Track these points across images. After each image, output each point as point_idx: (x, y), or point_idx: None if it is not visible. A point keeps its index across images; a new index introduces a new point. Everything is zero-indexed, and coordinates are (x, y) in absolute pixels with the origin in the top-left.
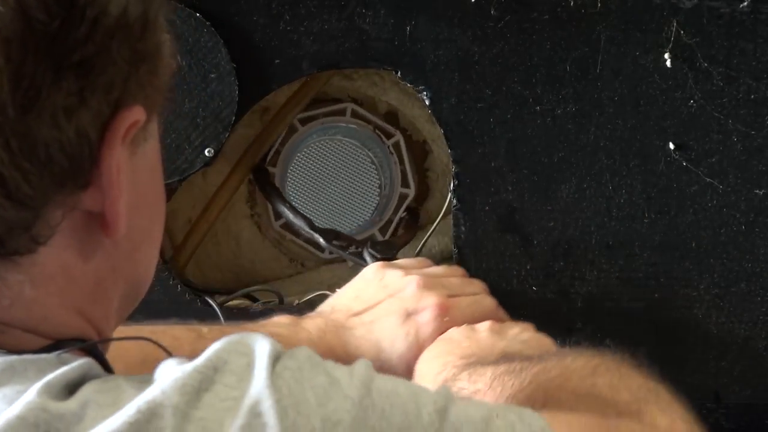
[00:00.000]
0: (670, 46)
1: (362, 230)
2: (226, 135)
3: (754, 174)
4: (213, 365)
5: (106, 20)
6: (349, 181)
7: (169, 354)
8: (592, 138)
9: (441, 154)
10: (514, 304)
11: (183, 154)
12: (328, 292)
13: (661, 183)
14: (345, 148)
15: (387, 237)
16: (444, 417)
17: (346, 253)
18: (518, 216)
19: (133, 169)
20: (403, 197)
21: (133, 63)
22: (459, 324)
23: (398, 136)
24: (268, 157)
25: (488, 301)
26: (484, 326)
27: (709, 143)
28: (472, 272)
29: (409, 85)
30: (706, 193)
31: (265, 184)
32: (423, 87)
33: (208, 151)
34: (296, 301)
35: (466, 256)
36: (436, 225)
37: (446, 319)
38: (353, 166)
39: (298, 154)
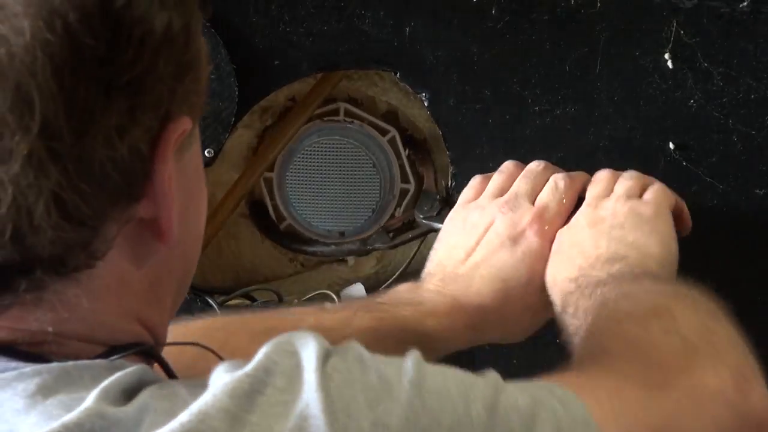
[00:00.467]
0: (670, 46)
1: (363, 230)
2: (226, 135)
3: (754, 174)
4: (264, 367)
5: (152, 39)
6: (348, 181)
7: (220, 357)
8: (592, 138)
9: (440, 154)
10: None
11: None
12: (328, 292)
13: None
14: (344, 148)
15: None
16: (493, 412)
17: (412, 236)
18: None
19: (181, 175)
20: (404, 193)
21: (178, 76)
22: (560, 224)
23: (393, 133)
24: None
25: (578, 178)
26: (582, 222)
27: (709, 143)
28: None
29: (408, 85)
30: (706, 193)
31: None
32: (422, 87)
33: (208, 152)
34: (296, 301)
35: None
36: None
37: (546, 228)
38: (352, 166)
39: (296, 157)
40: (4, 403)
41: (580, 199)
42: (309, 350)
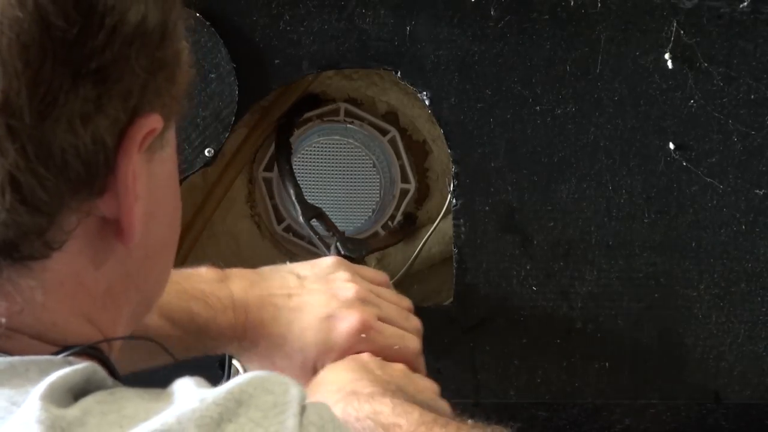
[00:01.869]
0: (670, 46)
1: (364, 229)
2: (226, 135)
3: (754, 174)
4: (236, 398)
5: (124, 28)
6: (348, 181)
7: (174, 357)
8: (592, 138)
9: (441, 154)
10: (514, 304)
11: (183, 154)
12: None
13: (661, 183)
14: (343, 149)
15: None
16: None
17: (315, 236)
18: (518, 216)
19: (150, 177)
20: (404, 193)
21: (151, 71)
22: (374, 349)
23: (394, 133)
24: (265, 161)
25: (413, 343)
26: (397, 367)
27: (709, 143)
28: (472, 272)
29: (409, 85)
30: (706, 193)
31: (281, 139)
32: (423, 87)
33: (208, 151)
34: None
35: (466, 256)
36: (437, 225)
37: (363, 336)
38: (352, 166)
39: (296, 157)
40: None
41: None
42: (291, 394)
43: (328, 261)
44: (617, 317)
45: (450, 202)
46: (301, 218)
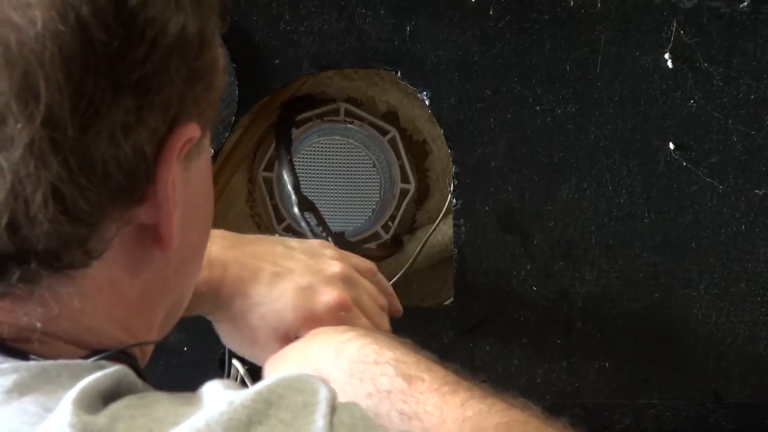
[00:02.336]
0: (670, 46)
1: (363, 229)
2: (226, 135)
3: (754, 174)
4: (265, 399)
5: (164, 40)
6: (348, 181)
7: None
8: (592, 138)
9: (441, 154)
10: (514, 304)
11: None
12: None
13: (661, 183)
14: (343, 149)
15: (389, 234)
16: None
17: (307, 228)
18: (518, 216)
19: (186, 183)
20: (404, 193)
21: (189, 81)
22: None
23: (394, 133)
24: (265, 161)
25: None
26: None
27: (709, 143)
28: (472, 272)
29: (409, 85)
30: (706, 193)
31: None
32: (423, 87)
33: None
34: None
35: (466, 256)
36: (437, 225)
37: (342, 314)
38: (352, 166)
39: (296, 157)
40: None
41: None
42: (321, 394)
43: (317, 241)
44: (617, 317)
45: (450, 202)
46: (295, 208)
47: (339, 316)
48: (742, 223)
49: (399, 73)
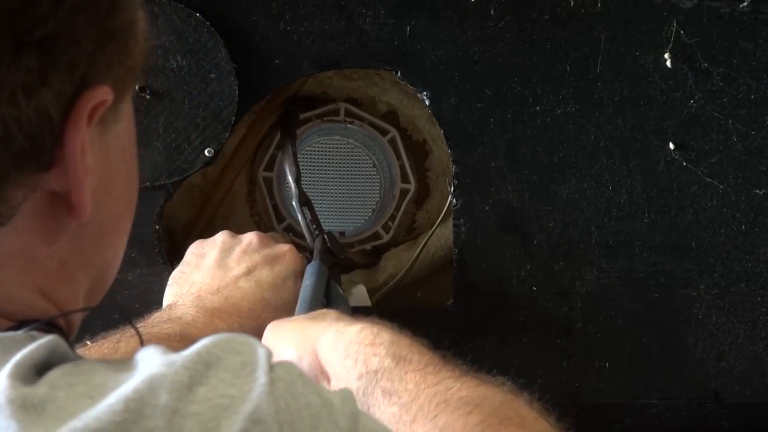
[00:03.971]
0: (670, 46)
1: (363, 229)
2: (226, 135)
3: (754, 174)
4: (204, 360)
5: None
6: (348, 181)
7: (139, 336)
8: (592, 138)
9: (441, 154)
10: (514, 304)
11: (183, 154)
12: None
13: (661, 183)
14: (343, 149)
15: (389, 235)
16: None
17: (304, 222)
18: (518, 216)
19: (103, 151)
20: (404, 193)
21: (99, 42)
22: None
23: (394, 133)
24: (265, 161)
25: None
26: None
27: (709, 143)
28: (472, 272)
29: (409, 85)
30: (706, 193)
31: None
32: (423, 87)
33: (208, 151)
34: None
35: (466, 256)
36: (437, 225)
37: (301, 256)
38: (352, 166)
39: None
40: None
41: None
42: (259, 353)
43: (218, 239)
44: (617, 317)
45: (450, 202)
46: (294, 201)
47: (301, 258)
48: (742, 223)
49: (399, 73)
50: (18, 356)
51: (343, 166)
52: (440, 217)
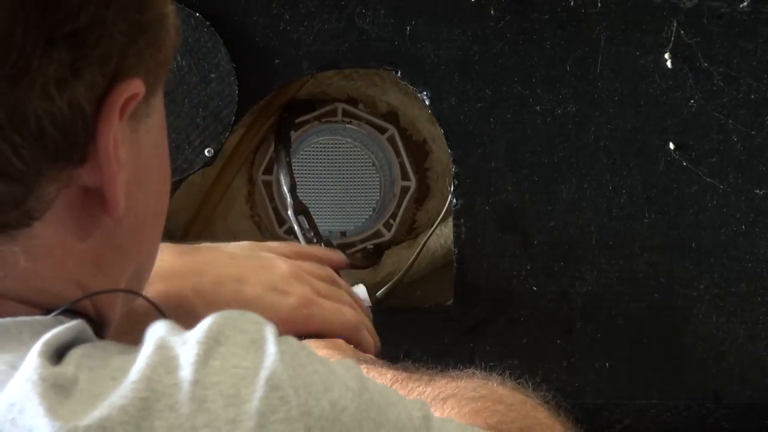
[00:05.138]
0: (670, 46)
1: (364, 229)
2: (226, 135)
3: (754, 174)
4: (214, 337)
5: None
6: (348, 181)
7: (162, 313)
8: (592, 138)
9: (441, 154)
10: (514, 304)
11: (183, 154)
12: None
13: (661, 183)
14: (343, 148)
15: (391, 233)
16: (429, 425)
17: (300, 231)
18: (518, 216)
19: (135, 145)
20: (404, 190)
21: (131, 35)
22: (316, 324)
23: (392, 131)
24: (264, 164)
25: (351, 315)
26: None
27: (709, 143)
28: (472, 272)
29: (409, 85)
30: (706, 193)
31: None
32: (423, 87)
33: (208, 151)
34: None
35: (466, 256)
36: (437, 225)
37: (305, 312)
38: (352, 166)
39: (296, 157)
40: None
41: None
42: (266, 329)
43: (247, 243)
44: (617, 317)
45: (450, 202)
46: (290, 211)
47: (303, 315)
48: (742, 223)
49: (399, 73)
50: (46, 336)
51: (343, 166)
52: (440, 217)
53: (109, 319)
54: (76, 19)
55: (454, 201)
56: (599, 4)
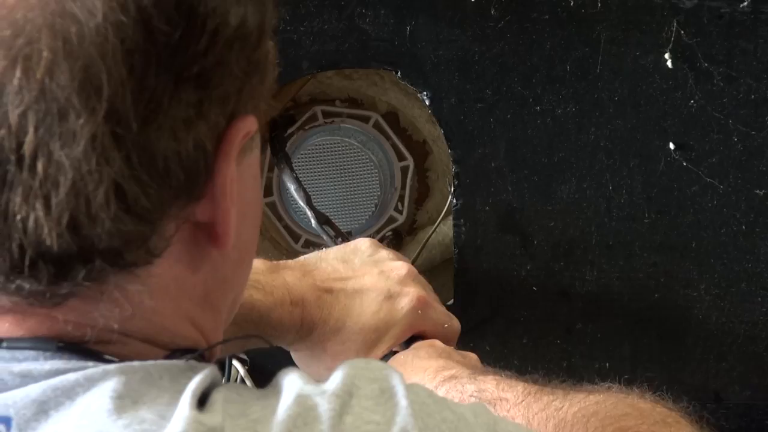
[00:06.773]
0: (670, 46)
1: (364, 229)
2: None
3: (754, 174)
4: (348, 390)
5: (225, 31)
6: (348, 181)
7: (270, 344)
8: (592, 138)
9: (441, 154)
10: (514, 304)
11: None
12: None
13: (661, 183)
14: (343, 149)
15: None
16: None
17: (330, 240)
18: (518, 216)
19: (240, 179)
20: (404, 170)
21: (247, 73)
22: (428, 326)
23: (375, 116)
24: (262, 186)
25: (457, 323)
26: (469, 354)
27: (709, 143)
28: (472, 272)
29: (409, 85)
30: (706, 193)
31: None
32: (423, 87)
33: None
34: None
35: (467, 256)
36: (437, 225)
37: (420, 313)
38: (352, 166)
39: (296, 157)
40: (92, 403)
41: None
42: (395, 379)
43: (365, 243)
44: (617, 317)
45: (450, 202)
46: (314, 222)
47: (418, 316)
48: (742, 223)
49: (399, 73)
50: (192, 385)
51: (343, 166)
52: (440, 217)
53: (215, 354)
54: (203, 60)
55: (454, 201)
56: (599, 4)
